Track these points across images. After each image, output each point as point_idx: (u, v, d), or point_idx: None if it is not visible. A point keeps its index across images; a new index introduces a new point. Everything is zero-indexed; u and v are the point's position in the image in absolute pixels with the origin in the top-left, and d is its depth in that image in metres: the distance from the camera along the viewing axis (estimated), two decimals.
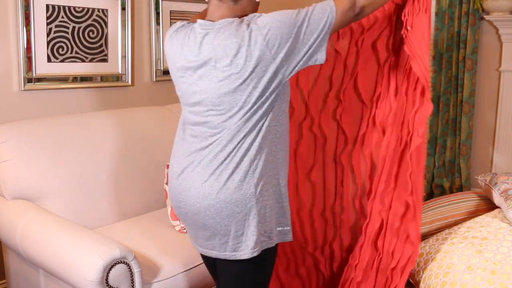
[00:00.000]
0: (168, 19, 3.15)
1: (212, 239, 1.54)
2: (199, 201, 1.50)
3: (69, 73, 2.72)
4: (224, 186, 1.47)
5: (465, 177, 3.93)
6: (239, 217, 1.49)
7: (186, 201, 1.54)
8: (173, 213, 2.31)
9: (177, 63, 1.59)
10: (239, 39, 1.42)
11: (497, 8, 3.61)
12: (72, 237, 1.91)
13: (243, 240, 1.50)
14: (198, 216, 1.52)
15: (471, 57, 3.77)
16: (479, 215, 1.96)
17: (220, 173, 1.48)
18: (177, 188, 1.57)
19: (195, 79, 1.52)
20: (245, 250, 1.51)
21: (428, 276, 1.71)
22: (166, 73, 3.20)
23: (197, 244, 1.63)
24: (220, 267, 1.61)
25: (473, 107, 3.86)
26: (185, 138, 1.58)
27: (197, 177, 1.51)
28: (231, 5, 1.51)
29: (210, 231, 1.53)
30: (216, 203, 1.48)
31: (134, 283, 1.84)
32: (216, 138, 1.49)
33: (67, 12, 2.66)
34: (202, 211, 1.50)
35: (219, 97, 1.47)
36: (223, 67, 1.44)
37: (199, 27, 1.52)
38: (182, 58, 1.56)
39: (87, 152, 2.39)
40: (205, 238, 1.56)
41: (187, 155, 1.54)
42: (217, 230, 1.51)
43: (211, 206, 1.49)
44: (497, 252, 1.64)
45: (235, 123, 1.46)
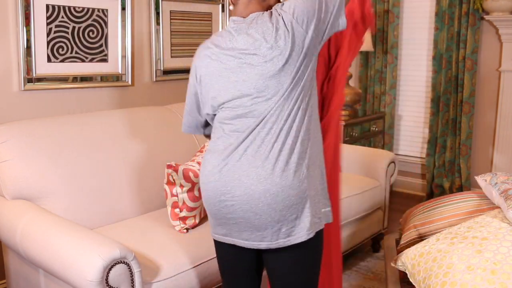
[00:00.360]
0: (168, 19, 3.15)
1: (262, 229, 1.50)
2: (253, 187, 1.47)
3: (69, 73, 2.72)
4: (280, 169, 1.46)
5: (465, 177, 3.93)
6: (294, 200, 1.47)
7: (234, 192, 1.50)
8: (173, 213, 2.31)
9: (210, 68, 1.61)
10: (274, 23, 1.50)
11: (497, 8, 3.61)
12: (72, 237, 1.91)
13: (297, 224, 1.50)
14: (249, 205, 1.48)
15: (471, 57, 3.77)
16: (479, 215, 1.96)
17: (275, 157, 1.47)
18: (220, 181, 1.53)
19: (235, 71, 1.53)
20: (300, 233, 1.50)
21: (428, 276, 1.71)
22: (166, 73, 3.20)
23: (239, 238, 1.56)
24: (272, 260, 1.58)
25: (473, 107, 3.86)
26: (225, 134, 1.57)
27: (247, 165, 1.49)
28: (260, 1, 1.59)
29: (261, 220, 1.49)
30: (272, 187, 1.46)
31: (134, 283, 1.84)
32: (264, 124, 1.50)
33: (67, 12, 2.66)
34: (256, 197, 1.47)
35: (264, 82, 1.49)
36: (266, 51, 1.49)
37: (232, 23, 1.59)
38: (217, 59, 1.59)
39: (87, 152, 2.39)
40: (252, 230, 1.51)
41: (232, 149, 1.53)
42: (270, 217, 1.48)
43: (267, 190, 1.46)
44: (497, 252, 1.64)
45: (282, 105, 1.49)
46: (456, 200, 2.18)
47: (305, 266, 1.58)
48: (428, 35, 4.13)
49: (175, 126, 2.84)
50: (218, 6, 3.44)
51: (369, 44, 3.92)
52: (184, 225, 2.30)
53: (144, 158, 2.58)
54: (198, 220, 2.35)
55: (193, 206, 2.31)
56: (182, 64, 3.29)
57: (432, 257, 1.76)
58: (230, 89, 1.55)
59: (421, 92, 4.26)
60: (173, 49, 3.21)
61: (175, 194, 2.30)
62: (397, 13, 4.14)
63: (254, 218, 1.50)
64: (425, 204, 2.28)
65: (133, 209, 2.47)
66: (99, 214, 2.34)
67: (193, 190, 2.31)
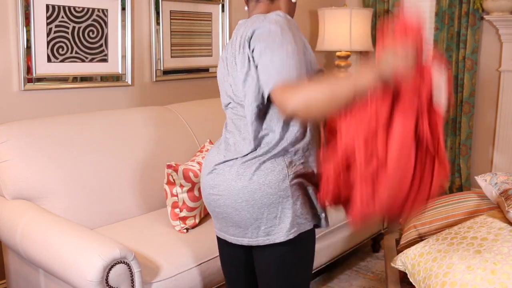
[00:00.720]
0: (168, 19, 3.15)
1: (242, 225, 1.49)
2: (233, 183, 1.47)
3: (69, 73, 2.72)
4: (257, 169, 1.45)
5: (465, 177, 3.93)
6: (273, 199, 1.45)
7: (219, 186, 1.51)
8: (173, 213, 2.32)
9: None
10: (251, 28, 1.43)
11: (497, 8, 3.61)
12: (72, 237, 1.91)
13: (277, 224, 1.47)
14: (229, 200, 1.48)
15: (471, 57, 3.77)
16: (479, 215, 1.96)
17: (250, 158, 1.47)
18: (211, 175, 1.55)
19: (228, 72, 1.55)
20: (279, 233, 1.47)
21: (428, 276, 1.71)
22: (166, 73, 3.20)
23: (227, 234, 1.57)
24: (257, 257, 1.56)
25: (473, 107, 3.86)
26: (224, 129, 1.63)
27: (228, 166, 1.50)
28: (268, 4, 1.55)
29: (241, 216, 1.48)
30: (249, 184, 1.45)
31: (134, 283, 1.84)
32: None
33: (67, 12, 2.66)
34: (235, 193, 1.46)
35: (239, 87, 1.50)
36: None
37: (237, 26, 1.57)
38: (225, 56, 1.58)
39: (87, 152, 2.39)
40: (235, 226, 1.51)
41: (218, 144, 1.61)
42: (249, 213, 1.46)
43: (245, 187, 1.45)
44: (497, 252, 1.64)
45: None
46: (456, 200, 2.18)
47: (287, 267, 1.53)
48: (428, 35, 4.13)
49: (175, 126, 2.84)
50: (218, 6, 3.44)
51: (369, 44, 3.92)
52: (184, 225, 2.30)
53: (144, 158, 2.58)
54: (198, 220, 2.35)
55: (193, 206, 2.31)
56: (182, 64, 3.29)
57: (432, 257, 1.76)
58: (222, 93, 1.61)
59: None
60: (173, 49, 3.21)
61: (175, 194, 2.30)
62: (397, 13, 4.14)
63: (235, 213, 1.49)
64: None
65: (133, 209, 2.47)
66: (99, 214, 2.34)
67: (193, 190, 2.31)
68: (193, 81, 3.39)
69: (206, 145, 2.67)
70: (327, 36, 3.86)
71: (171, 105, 3.02)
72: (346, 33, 3.78)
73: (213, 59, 3.48)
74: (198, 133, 2.90)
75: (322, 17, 3.89)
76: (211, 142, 2.70)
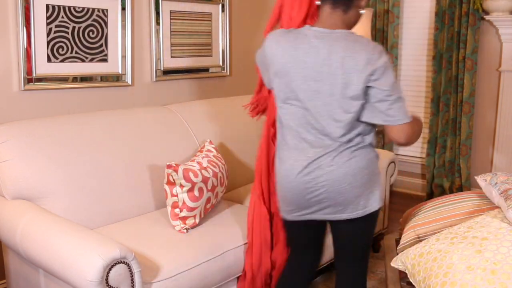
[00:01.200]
0: (168, 19, 3.15)
1: (344, 204, 1.80)
2: (335, 172, 1.78)
3: (69, 73, 2.72)
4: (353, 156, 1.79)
5: (465, 177, 3.93)
6: (368, 178, 1.81)
7: (318, 179, 1.80)
8: (173, 213, 2.31)
9: (287, 63, 1.78)
10: (368, 56, 1.69)
11: (497, 8, 3.61)
12: (72, 237, 1.91)
13: (371, 197, 1.82)
14: (333, 187, 1.78)
15: (471, 57, 3.77)
16: (479, 215, 1.96)
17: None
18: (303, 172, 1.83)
19: (309, 76, 1.75)
20: (373, 204, 1.84)
21: (428, 276, 1.71)
22: (166, 73, 3.20)
23: (319, 214, 1.85)
24: (343, 228, 1.89)
25: (473, 107, 3.86)
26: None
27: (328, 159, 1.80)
28: (342, 14, 1.76)
29: (344, 197, 1.79)
30: (350, 169, 1.77)
31: (134, 283, 1.84)
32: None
33: (67, 12, 2.66)
34: (339, 180, 1.78)
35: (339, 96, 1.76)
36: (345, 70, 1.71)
37: (315, 32, 1.76)
38: (295, 58, 1.76)
39: (87, 152, 2.39)
40: (335, 206, 1.81)
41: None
42: (352, 193, 1.79)
43: (347, 173, 1.77)
44: (497, 252, 1.64)
45: None
46: (456, 200, 2.18)
47: (369, 230, 1.94)
48: (428, 35, 4.13)
49: (175, 126, 2.84)
50: (218, 6, 3.44)
51: None
52: (184, 225, 2.30)
53: (144, 158, 2.58)
54: (198, 220, 2.35)
55: (193, 206, 2.31)
56: (182, 64, 3.29)
57: (432, 257, 1.76)
58: (304, 89, 1.85)
59: (421, 92, 4.26)
60: (173, 49, 3.21)
61: (175, 194, 2.30)
62: (397, 13, 4.13)
63: (338, 196, 1.79)
64: (425, 204, 2.28)
65: (133, 209, 2.47)
66: (99, 214, 2.34)
67: (193, 190, 2.31)
68: (193, 81, 3.39)
69: (206, 145, 2.67)
70: None
71: (171, 105, 3.02)
72: None
73: (213, 59, 3.48)
74: (198, 133, 2.90)
75: None
76: (211, 142, 2.70)
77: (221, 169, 2.52)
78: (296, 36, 1.79)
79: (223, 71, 3.56)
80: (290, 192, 1.86)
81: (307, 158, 1.80)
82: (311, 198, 1.82)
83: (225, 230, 2.36)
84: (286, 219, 1.97)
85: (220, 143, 2.95)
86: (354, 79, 1.69)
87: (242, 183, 3.03)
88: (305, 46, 1.75)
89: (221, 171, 2.52)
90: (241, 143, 3.09)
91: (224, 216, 2.52)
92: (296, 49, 1.76)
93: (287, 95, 1.81)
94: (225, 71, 3.57)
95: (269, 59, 1.85)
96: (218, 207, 2.61)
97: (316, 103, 1.76)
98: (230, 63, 3.60)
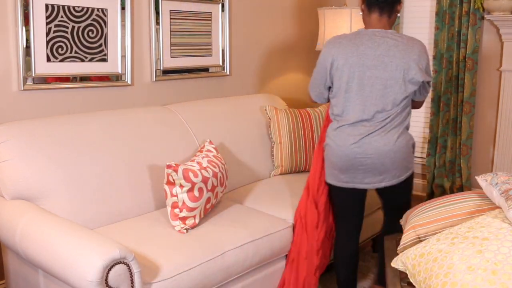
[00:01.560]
0: (168, 19, 3.15)
1: (383, 173, 2.34)
2: (381, 148, 2.30)
3: (68, 73, 2.71)
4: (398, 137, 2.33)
5: (466, 177, 3.92)
6: (405, 155, 2.36)
7: (367, 152, 2.30)
8: (173, 213, 2.31)
9: (351, 57, 2.30)
10: (420, 48, 2.31)
11: (497, 8, 3.60)
12: (72, 237, 1.91)
13: (407, 170, 2.41)
14: (378, 160, 2.30)
15: (472, 57, 3.76)
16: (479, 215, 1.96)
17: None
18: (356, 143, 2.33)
19: (371, 65, 2.28)
20: (406, 174, 2.42)
21: (429, 277, 1.71)
22: (165, 72, 3.20)
23: (361, 183, 2.38)
24: (387, 192, 2.44)
25: (473, 107, 3.86)
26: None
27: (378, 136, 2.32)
28: (387, 19, 2.35)
29: (385, 168, 2.32)
30: (393, 147, 2.31)
31: (133, 284, 1.84)
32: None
33: (66, 12, 2.65)
34: (383, 155, 2.30)
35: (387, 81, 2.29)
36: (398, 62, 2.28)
37: (373, 32, 2.33)
38: (357, 51, 2.30)
39: (87, 152, 2.38)
40: (375, 175, 2.34)
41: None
42: (392, 166, 2.33)
43: (391, 150, 2.30)
44: (498, 253, 1.63)
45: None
46: (456, 200, 2.17)
47: (408, 191, 2.54)
48: (429, 35, 4.12)
49: (175, 126, 2.84)
50: (218, 6, 3.44)
51: None
52: (184, 225, 2.30)
53: (144, 158, 2.57)
54: (198, 220, 2.35)
55: (193, 206, 2.31)
56: (182, 64, 3.29)
57: (432, 257, 1.75)
58: (366, 79, 2.38)
59: None
60: (173, 49, 3.21)
61: (175, 194, 2.30)
62: None
63: (381, 167, 2.32)
64: (425, 204, 2.27)
65: (133, 209, 2.47)
66: (99, 214, 2.34)
67: (193, 190, 2.31)
68: (193, 81, 3.39)
69: (206, 145, 2.66)
70: (327, 36, 3.85)
71: (171, 105, 3.01)
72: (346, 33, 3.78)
73: (213, 59, 3.47)
74: (198, 133, 2.90)
75: (322, 16, 3.89)
76: (211, 142, 2.70)
77: (221, 169, 2.51)
78: (355, 36, 2.35)
79: (223, 71, 3.56)
80: (343, 161, 2.34)
81: (360, 134, 2.30)
82: (360, 166, 2.32)
83: (225, 230, 2.35)
84: (336, 187, 2.45)
85: (220, 143, 2.95)
86: (412, 66, 2.25)
87: (242, 183, 3.03)
88: (367, 42, 2.30)
89: (221, 171, 2.51)
90: (241, 143, 3.09)
91: (224, 216, 2.51)
92: (358, 45, 2.30)
93: (348, 84, 2.31)
94: (225, 71, 3.56)
95: (331, 58, 2.35)
96: (218, 207, 2.61)
97: (375, 87, 2.28)
98: (230, 63, 3.60)
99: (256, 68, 3.84)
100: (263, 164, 3.17)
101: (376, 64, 2.27)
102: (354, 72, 2.31)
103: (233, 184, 2.93)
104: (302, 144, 3.17)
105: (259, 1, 3.78)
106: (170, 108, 2.96)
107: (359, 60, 2.30)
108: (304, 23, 4.17)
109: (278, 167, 3.20)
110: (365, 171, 2.34)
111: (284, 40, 4.04)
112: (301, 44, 4.18)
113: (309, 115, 3.24)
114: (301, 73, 4.25)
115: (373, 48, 2.29)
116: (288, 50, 4.09)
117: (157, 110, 2.88)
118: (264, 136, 3.24)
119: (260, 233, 2.39)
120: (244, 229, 2.37)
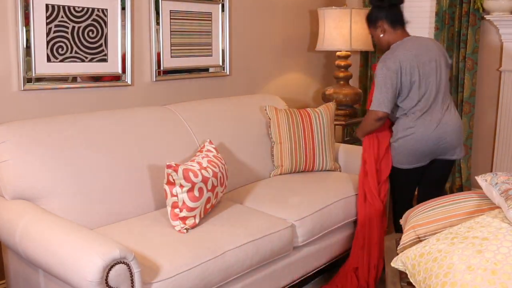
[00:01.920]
0: (168, 19, 3.15)
1: (454, 148, 2.82)
2: (453, 126, 2.81)
3: (68, 73, 2.71)
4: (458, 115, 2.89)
5: (466, 177, 3.93)
6: (461, 131, 2.88)
7: (446, 136, 2.79)
8: (173, 213, 2.31)
9: (417, 61, 2.76)
10: (442, 50, 2.92)
11: (497, 8, 3.61)
12: (72, 237, 1.91)
13: (461, 146, 2.90)
14: (451, 137, 2.79)
15: (472, 57, 3.77)
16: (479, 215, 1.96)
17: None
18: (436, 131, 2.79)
19: (430, 70, 2.77)
20: (462, 152, 2.92)
21: (429, 276, 1.71)
22: (165, 73, 3.20)
23: (442, 156, 2.85)
24: (445, 165, 2.91)
25: (473, 107, 3.86)
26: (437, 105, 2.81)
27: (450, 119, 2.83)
28: (406, 30, 2.91)
29: (454, 143, 2.81)
30: (458, 122, 2.85)
31: (134, 284, 1.84)
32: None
33: (66, 12, 2.65)
34: (455, 132, 2.81)
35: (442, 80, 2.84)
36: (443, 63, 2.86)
37: (417, 38, 2.89)
38: (420, 55, 2.78)
39: (87, 152, 2.38)
40: (449, 151, 2.83)
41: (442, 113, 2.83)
42: (457, 141, 2.82)
43: (459, 126, 2.84)
44: (497, 252, 1.63)
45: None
46: (456, 200, 2.17)
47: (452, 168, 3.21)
48: (428, 35, 4.12)
49: (175, 126, 2.84)
50: (218, 6, 3.44)
51: (369, 44, 3.92)
52: (184, 225, 2.30)
53: (144, 158, 2.58)
54: (198, 220, 2.35)
55: (193, 206, 2.31)
56: (182, 64, 3.29)
57: (432, 257, 1.75)
58: (425, 80, 2.84)
59: None
60: (173, 49, 3.21)
61: (175, 194, 2.30)
62: None
63: (452, 143, 2.81)
64: (425, 204, 2.28)
65: (133, 209, 2.47)
66: (99, 214, 2.34)
67: (193, 190, 2.31)
68: (193, 81, 3.39)
69: (206, 145, 2.66)
70: (327, 36, 3.86)
71: (171, 105, 3.01)
72: (346, 33, 3.78)
73: (213, 59, 3.47)
74: (198, 133, 2.90)
75: (322, 16, 3.89)
76: (211, 142, 2.70)
77: (221, 169, 2.52)
78: (414, 41, 2.83)
79: (223, 71, 3.56)
80: (426, 144, 2.76)
81: (437, 120, 2.75)
82: (441, 144, 2.77)
83: (225, 230, 2.36)
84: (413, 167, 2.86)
85: (220, 143, 2.95)
86: (443, 63, 2.83)
87: (242, 183, 3.03)
88: (422, 47, 2.80)
89: (221, 171, 2.51)
90: (241, 143, 3.09)
91: (224, 216, 2.52)
92: (418, 49, 2.77)
93: (419, 82, 2.73)
94: (225, 71, 3.57)
95: (405, 63, 2.73)
96: (218, 207, 2.61)
97: (437, 82, 2.77)
98: (230, 63, 3.60)
99: (256, 68, 3.84)
100: (263, 164, 3.18)
101: (432, 64, 2.83)
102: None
103: (233, 184, 2.94)
104: (302, 144, 3.18)
105: (259, 1, 3.78)
106: (170, 108, 2.96)
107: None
108: (304, 23, 4.18)
109: (278, 167, 3.20)
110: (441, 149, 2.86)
111: (284, 40, 4.04)
112: (301, 44, 4.19)
113: (309, 115, 3.25)
114: (301, 73, 4.25)
115: (427, 51, 2.82)
116: (288, 50, 4.09)
117: (157, 110, 2.88)
118: (264, 136, 3.24)
119: (260, 233, 2.39)
120: (244, 229, 2.38)
